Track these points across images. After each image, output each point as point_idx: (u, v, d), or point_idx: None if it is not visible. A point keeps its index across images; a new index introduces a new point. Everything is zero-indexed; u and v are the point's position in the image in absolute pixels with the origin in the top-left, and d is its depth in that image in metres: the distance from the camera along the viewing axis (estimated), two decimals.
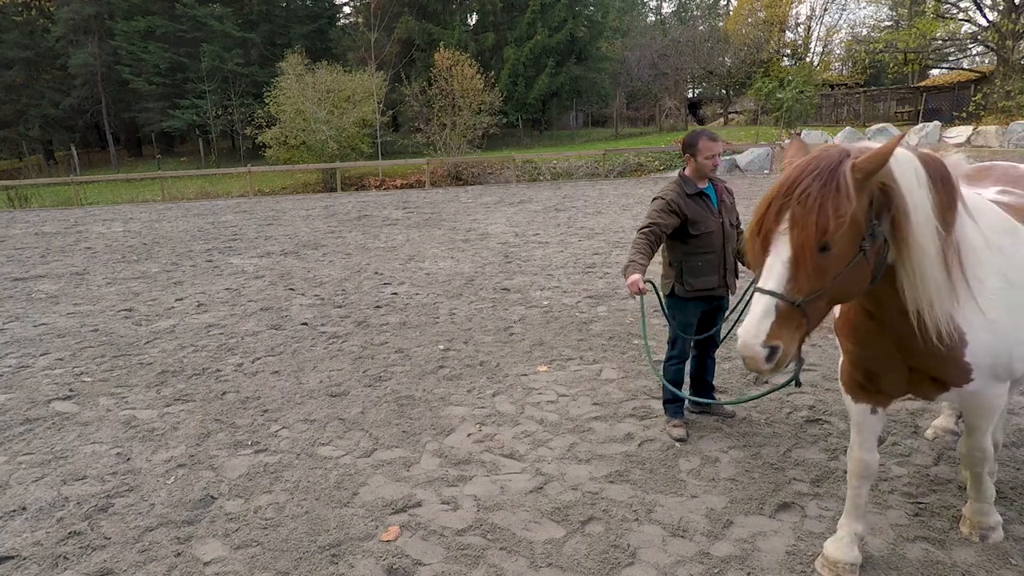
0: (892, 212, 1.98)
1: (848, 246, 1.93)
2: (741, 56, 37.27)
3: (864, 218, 1.93)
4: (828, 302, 2.03)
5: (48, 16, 37.24)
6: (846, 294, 2.07)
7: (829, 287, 1.94)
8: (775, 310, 1.93)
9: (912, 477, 3.33)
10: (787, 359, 1.99)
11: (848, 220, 1.86)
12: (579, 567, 2.75)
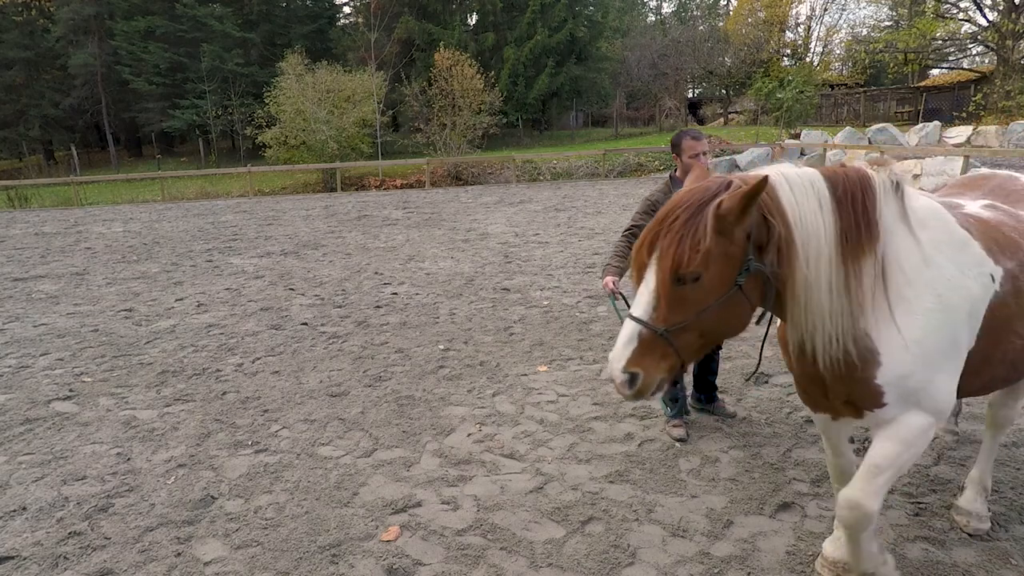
0: (777, 245, 1.92)
1: (718, 281, 1.89)
2: (741, 56, 37.28)
3: (740, 254, 1.89)
4: (700, 335, 1.98)
5: (48, 16, 37.25)
6: (723, 328, 2.04)
7: (697, 320, 1.91)
8: (638, 337, 1.93)
9: (912, 477, 3.33)
10: (650, 387, 1.96)
11: (702, 257, 1.83)
12: (579, 567, 2.75)
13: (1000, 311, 2.23)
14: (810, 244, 1.93)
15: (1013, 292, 2.26)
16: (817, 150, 20.63)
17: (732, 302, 1.93)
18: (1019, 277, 2.28)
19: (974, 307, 2.17)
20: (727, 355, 5.14)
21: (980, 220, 2.37)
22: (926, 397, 2.14)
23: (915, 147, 20.87)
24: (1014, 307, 2.26)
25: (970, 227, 2.28)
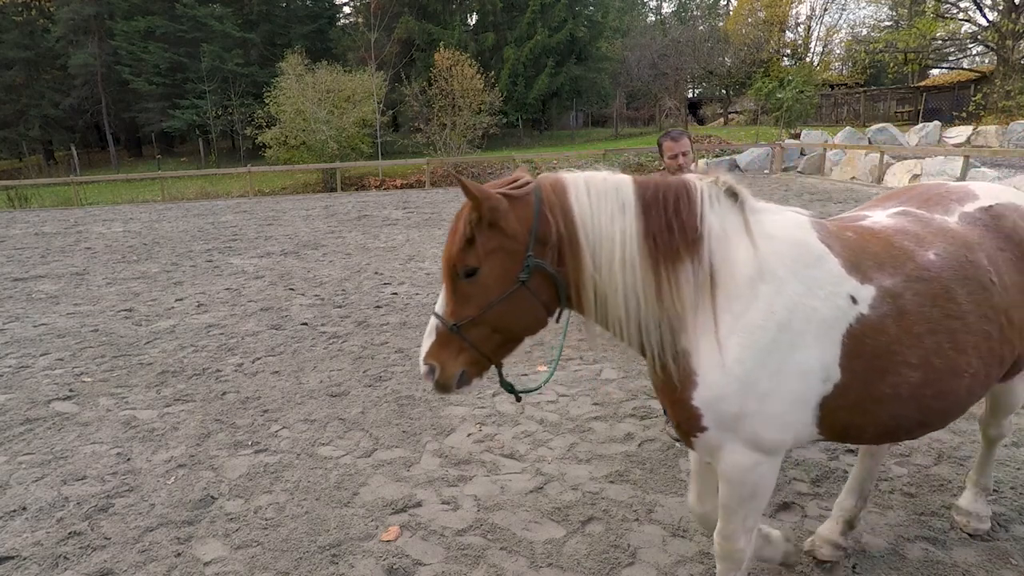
0: (557, 244, 1.89)
1: (498, 276, 1.88)
2: (741, 56, 37.31)
3: (520, 250, 1.87)
4: (493, 330, 1.96)
5: (48, 16, 37.28)
6: (515, 325, 1.99)
7: (485, 316, 1.91)
8: (435, 331, 1.97)
9: (912, 477, 3.33)
10: (449, 380, 1.97)
11: (472, 253, 1.87)
12: (579, 567, 2.75)
13: (875, 337, 1.91)
14: (601, 246, 1.89)
15: (894, 314, 1.92)
16: (817, 150, 20.63)
17: (517, 298, 1.90)
18: (903, 296, 1.94)
19: (822, 330, 1.88)
20: None
21: (865, 232, 2.09)
22: (747, 428, 1.92)
23: (915, 147, 20.87)
24: (896, 332, 1.91)
25: (840, 241, 2.01)
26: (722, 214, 1.96)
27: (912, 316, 1.93)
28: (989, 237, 2.12)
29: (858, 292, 1.92)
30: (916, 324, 1.93)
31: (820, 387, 1.91)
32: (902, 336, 1.91)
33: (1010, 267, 2.09)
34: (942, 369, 1.96)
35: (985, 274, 2.02)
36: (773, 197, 14.94)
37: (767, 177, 20.27)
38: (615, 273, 1.88)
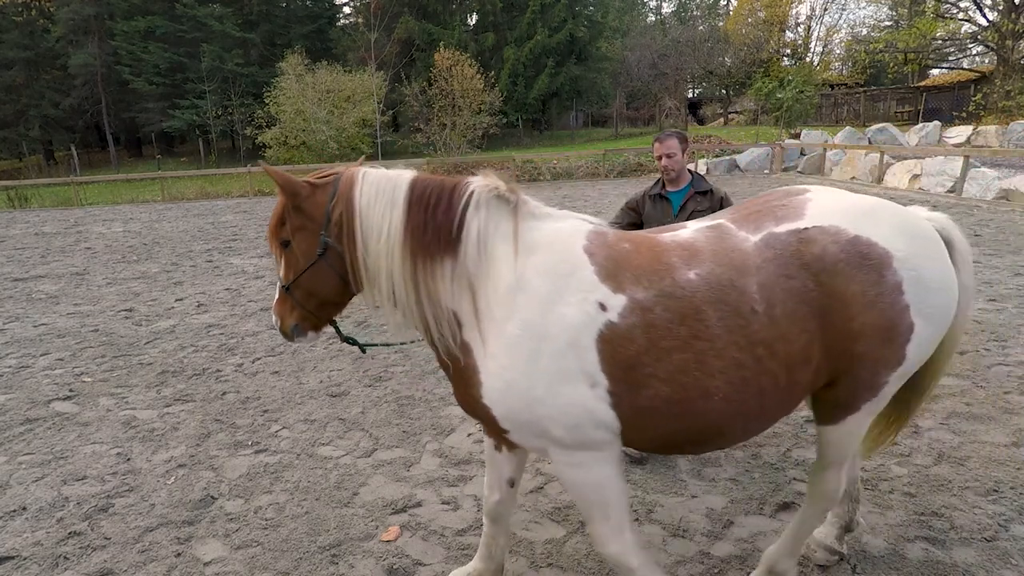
0: (340, 226, 2.14)
1: (303, 251, 2.20)
2: (741, 56, 37.33)
3: (317, 229, 2.17)
4: (308, 294, 2.25)
5: (48, 16, 37.28)
6: (320, 291, 2.26)
7: (300, 281, 2.24)
8: (278, 290, 2.33)
9: (912, 477, 3.33)
10: (286, 330, 2.32)
11: (284, 228, 2.24)
12: (579, 567, 2.75)
13: (626, 346, 1.92)
14: (371, 233, 2.11)
15: (643, 326, 1.91)
16: (817, 150, 20.63)
17: (318, 269, 2.20)
18: (653, 310, 1.92)
19: (574, 337, 1.91)
20: None
21: (643, 244, 2.09)
22: (543, 431, 1.98)
23: (915, 147, 20.88)
24: (644, 344, 1.91)
25: (608, 251, 2.04)
26: (489, 219, 2.06)
27: (660, 331, 1.92)
28: (777, 263, 1.95)
29: (608, 300, 1.93)
30: (663, 339, 1.92)
31: (592, 392, 1.93)
32: (651, 349, 1.91)
33: (791, 297, 1.92)
34: (690, 388, 1.94)
35: (748, 302, 1.92)
36: None
37: (767, 177, 20.27)
38: (380, 259, 2.11)
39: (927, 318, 2.00)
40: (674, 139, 3.53)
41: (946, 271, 2.06)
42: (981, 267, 7.63)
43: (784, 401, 2.06)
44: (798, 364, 1.96)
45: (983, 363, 4.77)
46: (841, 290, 1.92)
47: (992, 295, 6.46)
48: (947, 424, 3.88)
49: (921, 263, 1.98)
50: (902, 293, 1.95)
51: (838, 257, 1.93)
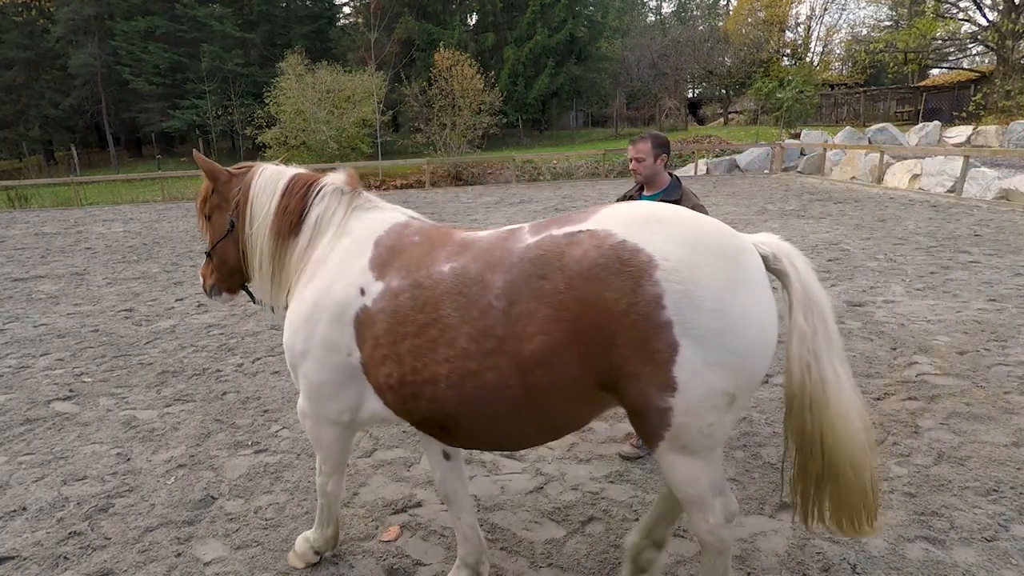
0: (241, 207, 2.65)
1: (218, 226, 2.75)
2: (741, 56, 37.33)
3: (227, 210, 2.70)
4: (221, 261, 2.79)
5: (48, 16, 37.26)
6: (230, 260, 2.76)
7: (215, 250, 2.78)
8: (206, 255, 2.87)
9: (912, 477, 3.33)
10: (207, 288, 2.90)
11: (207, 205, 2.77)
12: (579, 567, 2.75)
13: (372, 327, 2.13)
14: (257, 216, 2.60)
15: (389, 311, 2.10)
16: (817, 150, 20.62)
17: (227, 242, 2.73)
18: (400, 297, 2.09)
19: (336, 312, 2.23)
20: None
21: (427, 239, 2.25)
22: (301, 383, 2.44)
23: (915, 147, 20.88)
24: (387, 327, 2.10)
25: (395, 242, 2.27)
26: (327, 208, 2.50)
27: (401, 316, 2.08)
28: (535, 263, 1.91)
29: (368, 286, 2.21)
30: (403, 325, 2.07)
31: (347, 360, 2.25)
32: (390, 332, 2.10)
33: (536, 297, 1.87)
34: (419, 372, 2.04)
35: (487, 296, 1.93)
36: (773, 197, 14.95)
37: (767, 177, 20.27)
38: (256, 238, 2.60)
39: (699, 342, 1.76)
40: (646, 143, 3.46)
41: (735, 296, 1.79)
42: (981, 267, 7.63)
43: (532, 406, 1.97)
44: (534, 366, 1.88)
45: (983, 363, 4.77)
46: (594, 295, 1.80)
47: (992, 295, 6.47)
48: (947, 424, 3.88)
49: (694, 279, 1.76)
50: (662, 307, 1.76)
51: (595, 261, 1.82)
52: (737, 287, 1.80)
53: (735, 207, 13.54)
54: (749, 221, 11.64)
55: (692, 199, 3.39)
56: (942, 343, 5.21)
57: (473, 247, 2.10)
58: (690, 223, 1.89)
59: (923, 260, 8.11)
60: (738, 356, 1.80)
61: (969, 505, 3.06)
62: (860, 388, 4.36)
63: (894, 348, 5.15)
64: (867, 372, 4.70)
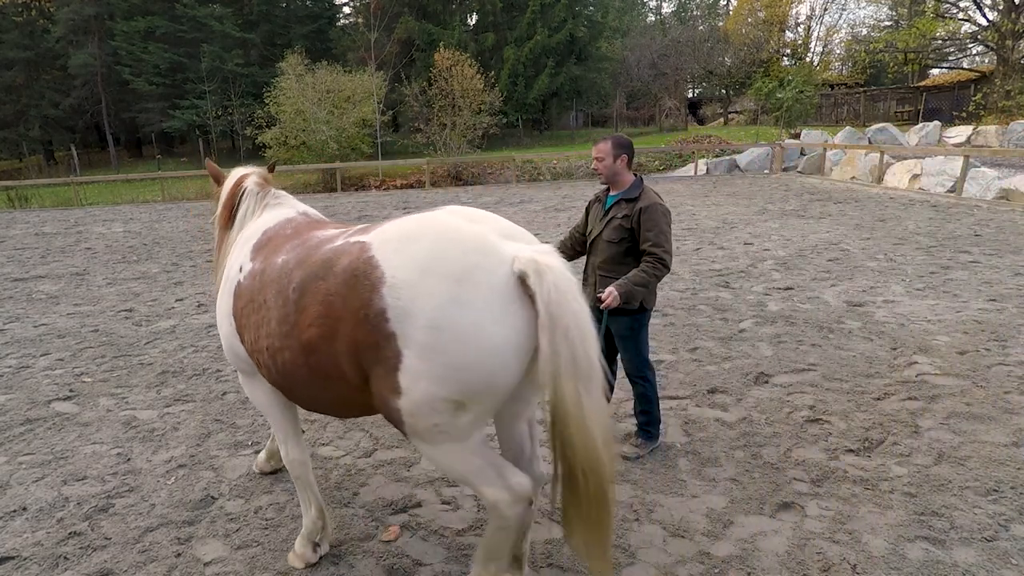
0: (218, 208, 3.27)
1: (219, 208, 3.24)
2: (741, 56, 37.31)
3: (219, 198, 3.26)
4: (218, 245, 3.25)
5: (48, 16, 37.23)
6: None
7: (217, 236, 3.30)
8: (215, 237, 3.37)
9: (912, 477, 3.33)
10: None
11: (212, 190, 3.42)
12: (579, 567, 2.75)
13: (238, 301, 2.63)
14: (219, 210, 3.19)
15: (247, 289, 2.58)
16: (817, 150, 20.62)
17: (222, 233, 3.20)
18: (253, 279, 2.56)
19: (228, 286, 2.74)
20: (727, 355, 5.14)
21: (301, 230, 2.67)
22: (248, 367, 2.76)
23: (915, 147, 20.88)
24: (244, 302, 2.58)
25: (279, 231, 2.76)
26: (248, 205, 3.07)
27: (251, 294, 2.53)
28: (321, 265, 2.22)
29: (244, 265, 2.67)
30: (251, 302, 2.52)
31: (230, 328, 2.70)
32: (245, 307, 2.56)
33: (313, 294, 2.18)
34: (255, 343, 2.50)
35: (289, 288, 2.30)
36: (773, 197, 14.95)
37: (767, 177, 20.27)
38: (215, 230, 3.25)
39: (418, 354, 1.95)
40: (607, 143, 3.50)
41: (454, 315, 1.93)
42: (981, 267, 7.63)
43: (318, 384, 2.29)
44: (310, 352, 2.21)
45: (983, 363, 4.77)
46: (347, 301, 2.06)
47: (992, 295, 6.47)
48: (947, 424, 3.88)
49: (415, 297, 1.95)
50: (387, 320, 1.98)
51: (350, 271, 2.09)
52: (459, 307, 1.94)
53: (735, 207, 13.54)
54: (749, 221, 11.64)
55: (651, 197, 3.40)
56: (942, 343, 5.21)
57: (305, 244, 2.45)
58: (438, 244, 2.04)
59: (923, 260, 8.11)
60: (455, 370, 1.95)
61: (969, 505, 3.07)
62: (860, 388, 4.39)
63: (894, 348, 5.15)
64: (867, 372, 4.70)
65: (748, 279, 7.54)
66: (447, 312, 1.93)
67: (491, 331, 1.95)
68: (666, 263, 3.29)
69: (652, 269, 3.26)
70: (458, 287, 1.95)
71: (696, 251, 9.26)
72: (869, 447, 3.65)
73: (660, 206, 3.36)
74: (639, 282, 3.25)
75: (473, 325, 1.94)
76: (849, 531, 2.92)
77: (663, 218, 3.34)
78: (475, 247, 2.03)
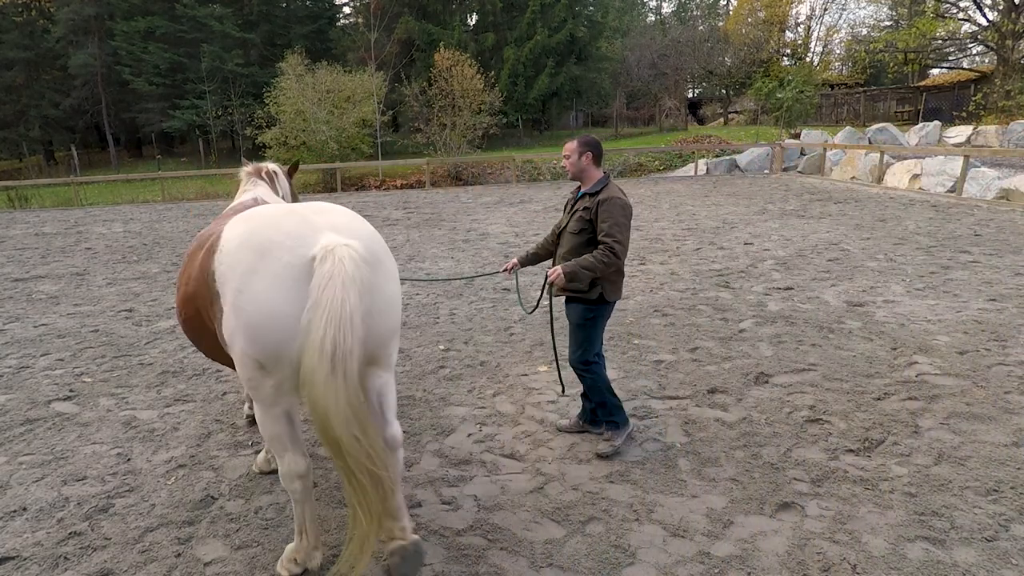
0: None
1: None
2: (741, 56, 37.30)
3: None
4: None
5: (48, 17, 37.24)
6: None
7: None
8: None
9: (912, 477, 3.33)
10: None
11: None
12: (579, 567, 2.75)
13: None
14: None
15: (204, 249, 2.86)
16: (817, 150, 20.62)
17: None
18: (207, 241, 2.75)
19: None
20: (727, 355, 5.14)
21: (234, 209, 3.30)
22: None
23: (915, 147, 20.88)
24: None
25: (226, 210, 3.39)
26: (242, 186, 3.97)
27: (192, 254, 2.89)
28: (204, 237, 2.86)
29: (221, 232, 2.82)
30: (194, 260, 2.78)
31: None
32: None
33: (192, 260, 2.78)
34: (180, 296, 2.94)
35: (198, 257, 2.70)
36: (773, 197, 14.95)
37: (767, 177, 20.27)
38: None
39: (231, 312, 2.33)
40: (573, 142, 3.67)
41: (251, 282, 2.29)
42: (981, 267, 7.63)
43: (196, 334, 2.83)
44: (183, 305, 2.78)
45: (983, 363, 4.77)
46: (201, 265, 2.58)
47: (992, 295, 6.47)
48: (947, 424, 3.88)
49: (231, 265, 2.37)
50: (214, 280, 2.43)
51: (208, 242, 2.62)
52: (255, 276, 2.30)
53: (735, 207, 13.54)
54: (749, 221, 11.64)
55: (612, 192, 3.52)
56: (942, 343, 5.21)
57: (217, 221, 2.99)
58: (260, 225, 2.44)
59: (923, 260, 8.11)
60: (252, 328, 2.29)
61: (969, 505, 3.07)
62: (860, 388, 4.39)
63: (894, 348, 5.15)
64: (867, 372, 4.70)
65: (748, 279, 7.55)
66: (247, 279, 2.30)
67: (277, 299, 2.26)
68: (615, 252, 3.39)
69: (601, 256, 3.38)
70: (259, 260, 2.30)
71: (696, 251, 9.26)
72: (869, 447, 3.66)
73: (619, 200, 3.49)
74: (586, 266, 3.39)
75: (264, 292, 2.27)
76: (849, 531, 2.92)
77: (620, 211, 3.45)
78: (288, 231, 2.37)
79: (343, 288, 2.19)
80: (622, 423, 3.75)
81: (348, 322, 2.17)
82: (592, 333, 3.66)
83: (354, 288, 2.21)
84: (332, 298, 2.17)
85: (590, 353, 3.67)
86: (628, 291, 7.19)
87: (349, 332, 2.16)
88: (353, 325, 2.17)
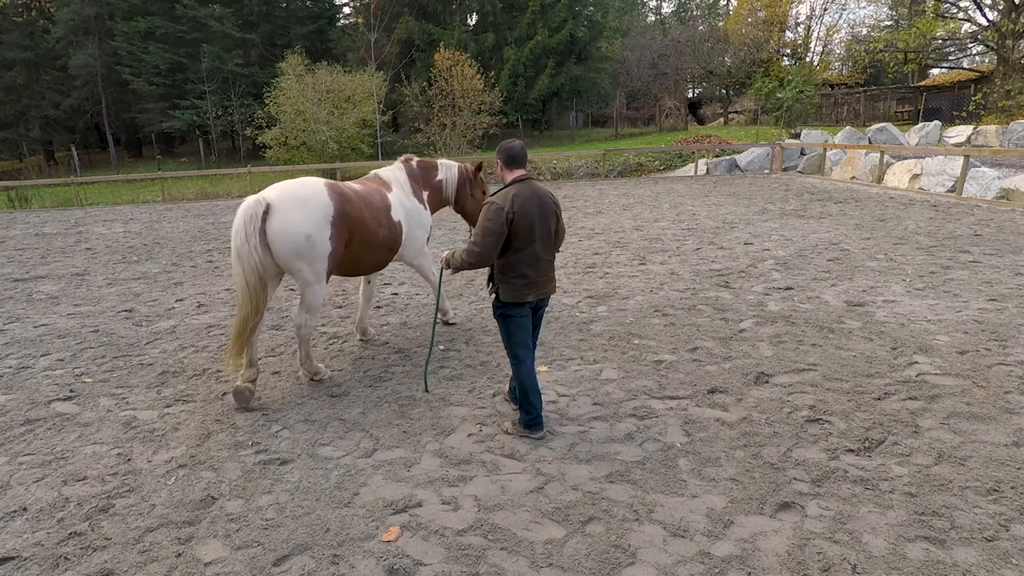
0: None
1: None
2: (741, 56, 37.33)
3: None
4: None
5: (48, 17, 37.27)
6: None
7: None
8: None
9: (912, 477, 3.33)
10: None
11: None
12: (579, 567, 2.75)
13: None
14: None
15: None
16: (817, 150, 20.62)
17: None
18: None
19: None
20: (727, 355, 5.14)
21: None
22: None
23: (915, 147, 20.87)
24: None
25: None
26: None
27: None
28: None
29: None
30: None
31: None
32: None
33: None
34: None
35: None
36: (773, 197, 14.95)
37: (767, 177, 20.26)
38: None
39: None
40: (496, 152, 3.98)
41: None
42: (981, 267, 7.63)
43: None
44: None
45: (983, 363, 4.77)
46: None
47: (992, 295, 6.47)
48: (947, 424, 3.88)
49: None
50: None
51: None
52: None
53: (735, 207, 13.54)
54: (749, 221, 11.64)
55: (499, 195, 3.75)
56: (942, 343, 5.21)
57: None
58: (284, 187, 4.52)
59: (923, 260, 8.11)
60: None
61: (969, 505, 3.07)
62: (860, 388, 4.39)
63: (894, 348, 5.15)
64: (867, 372, 4.70)
65: (748, 279, 7.55)
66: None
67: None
68: (469, 250, 3.73)
69: (461, 251, 3.80)
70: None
71: (696, 251, 9.26)
72: (869, 447, 3.66)
73: (490, 203, 3.72)
74: (457, 254, 3.82)
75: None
76: (849, 531, 2.92)
77: (484, 214, 3.71)
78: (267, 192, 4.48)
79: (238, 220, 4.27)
80: (532, 426, 3.93)
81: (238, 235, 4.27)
82: (507, 329, 3.88)
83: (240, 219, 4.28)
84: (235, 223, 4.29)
85: (511, 348, 3.90)
86: (628, 291, 7.20)
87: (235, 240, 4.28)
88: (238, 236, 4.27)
